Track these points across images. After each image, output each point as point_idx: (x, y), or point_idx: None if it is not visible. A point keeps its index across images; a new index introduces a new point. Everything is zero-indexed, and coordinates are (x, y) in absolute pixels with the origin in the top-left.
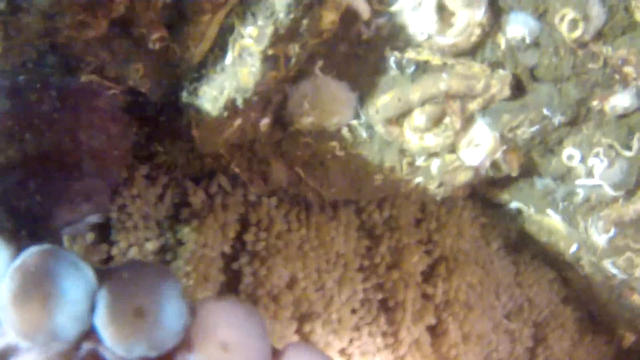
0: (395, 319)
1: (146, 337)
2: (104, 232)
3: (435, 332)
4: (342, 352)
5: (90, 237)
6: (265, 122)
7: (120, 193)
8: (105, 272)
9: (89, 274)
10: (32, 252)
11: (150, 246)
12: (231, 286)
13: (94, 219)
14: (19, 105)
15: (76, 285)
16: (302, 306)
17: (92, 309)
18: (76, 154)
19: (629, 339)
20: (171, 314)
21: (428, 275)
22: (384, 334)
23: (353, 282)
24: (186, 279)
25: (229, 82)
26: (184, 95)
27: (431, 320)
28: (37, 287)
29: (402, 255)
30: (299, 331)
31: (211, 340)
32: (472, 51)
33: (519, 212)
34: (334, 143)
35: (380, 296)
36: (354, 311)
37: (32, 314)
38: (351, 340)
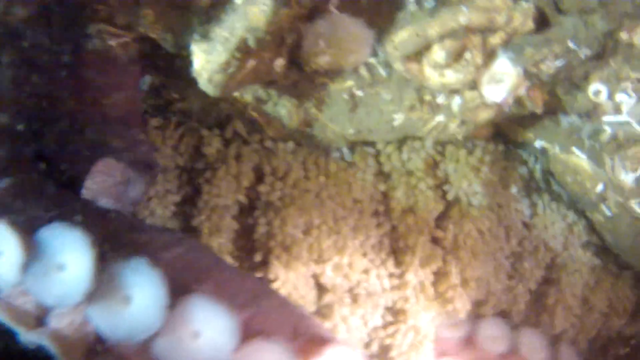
0: (404, 261)
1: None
2: None
3: (438, 273)
4: (350, 291)
5: None
6: (279, 62)
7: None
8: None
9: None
10: None
11: (172, 198)
12: (245, 235)
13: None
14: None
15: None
16: (315, 253)
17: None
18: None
19: None
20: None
21: (441, 217)
22: (391, 276)
23: (367, 229)
24: (200, 228)
25: (239, 22)
26: (195, 39)
27: (439, 264)
28: None
29: (417, 201)
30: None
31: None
32: None
33: (543, 151)
34: (351, 82)
35: (391, 240)
36: (364, 254)
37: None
38: (358, 282)
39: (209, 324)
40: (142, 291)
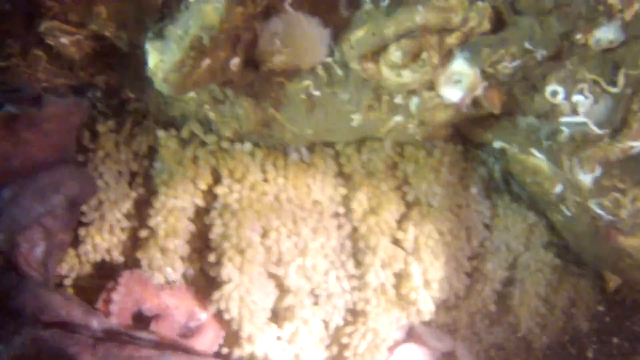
0: (365, 262)
1: None
2: None
3: (400, 274)
4: (311, 293)
5: None
6: (235, 62)
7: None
8: None
9: None
10: None
11: (126, 205)
12: (202, 236)
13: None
14: None
15: None
16: (274, 255)
17: None
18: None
19: (614, 282)
20: None
21: (402, 219)
22: (351, 277)
23: (327, 230)
24: (156, 229)
25: (193, 20)
26: (149, 37)
27: (400, 265)
28: None
29: (379, 202)
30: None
31: None
32: None
33: (502, 152)
34: (308, 82)
35: (353, 242)
36: (326, 256)
37: None
38: (319, 284)
39: None
40: None
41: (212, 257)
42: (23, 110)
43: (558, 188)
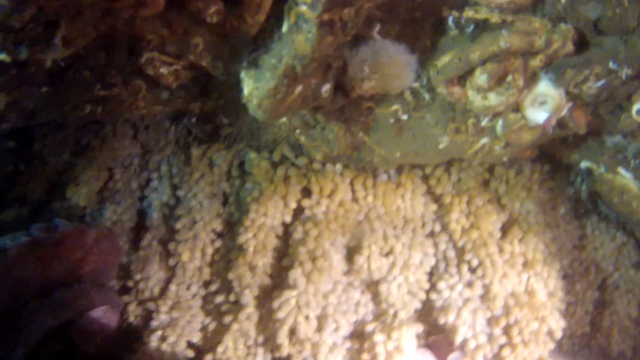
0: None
1: None
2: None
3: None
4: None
5: None
6: (326, 88)
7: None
8: None
9: None
10: None
11: (216, 225)
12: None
13: None
14: None
15: None
16: (365, 272)
17: None
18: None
19: None
20: None
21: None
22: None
23: (423, 246)
24: (246, 246)
25: (286, 49)
26: (244, 66)
27: (519, 275)
28: None
29: (478, 215)
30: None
31: None
32: (531, 7)
33: (589, 172)
34: (396, 107)
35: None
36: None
37: None
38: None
39: None
40: None
41: (286, 261)
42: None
43: None
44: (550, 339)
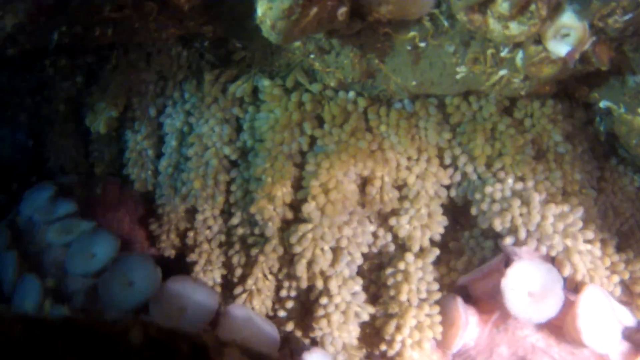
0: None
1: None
2: None
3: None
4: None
5: None
6: (342, 10)
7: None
8: None
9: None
10: None
11: (229, 152)
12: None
13: None
14: None
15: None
16: (377, 204)
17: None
18: None
19: None
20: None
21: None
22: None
23: (437, 176)
24: (264, 176)
25: None
26: None
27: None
28: None
29: (503, 144)
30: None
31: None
32: None
33: (608, 112)
34: (414, 33)
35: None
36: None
37: None
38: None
39: None
40: None
41: (300, 194)
42: None
43: None
44: None
